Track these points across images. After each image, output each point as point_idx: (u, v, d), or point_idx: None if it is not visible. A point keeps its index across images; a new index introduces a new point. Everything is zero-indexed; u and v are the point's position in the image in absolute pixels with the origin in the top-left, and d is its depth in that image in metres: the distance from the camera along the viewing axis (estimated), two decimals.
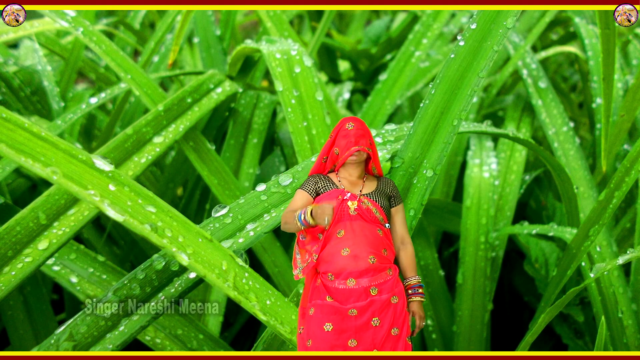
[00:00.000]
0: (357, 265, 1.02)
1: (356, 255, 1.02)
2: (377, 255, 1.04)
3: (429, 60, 2.44)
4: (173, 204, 1.57)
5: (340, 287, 1.02)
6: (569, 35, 2.79)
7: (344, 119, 1.09)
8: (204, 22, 2.29)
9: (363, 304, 1.02)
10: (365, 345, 1.02)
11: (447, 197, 2.13)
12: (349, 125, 1.07)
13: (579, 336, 1.78)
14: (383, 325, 1.02)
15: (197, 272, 1.17)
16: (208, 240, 1.21)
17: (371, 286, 1.02)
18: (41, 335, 1.59)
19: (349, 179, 1.09)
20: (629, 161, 1.42)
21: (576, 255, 1.51)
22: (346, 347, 1.01)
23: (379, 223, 1.07)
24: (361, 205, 1.06)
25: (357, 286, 1.02)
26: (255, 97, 2.04)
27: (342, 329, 1.02)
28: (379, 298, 1.02)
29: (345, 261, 1.02)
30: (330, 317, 1.02)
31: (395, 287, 1.05)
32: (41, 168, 1.08)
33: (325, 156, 1.09)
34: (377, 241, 1.05)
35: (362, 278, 1.02)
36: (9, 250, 1.29)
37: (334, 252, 1.03)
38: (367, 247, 1.03)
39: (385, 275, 1.04)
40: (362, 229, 1.04)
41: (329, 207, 0.99)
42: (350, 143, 1.06)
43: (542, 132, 2.29)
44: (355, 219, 1.05)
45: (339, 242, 1.03)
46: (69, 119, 1.85)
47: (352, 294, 1.02)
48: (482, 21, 1.27)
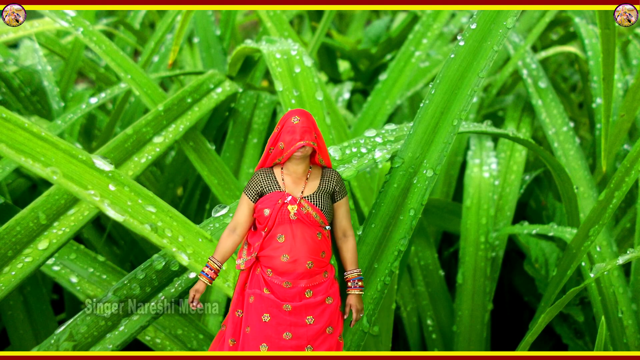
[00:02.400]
0: (295, 269, 1.08)
1: (295, 261, 1.08)
2: (314, 260, 1.09)
3: (429, 60, 2.44)
4: (173, 204, 1.57)
5: (276, 282, 1.08)
6: (569, 35, 2.79)
7: (290, 111, 1.10)
8: (204, 22, 2.29)
9: (298, 304, 1.08)
10: (299, 340, 1.08)
11: (447, 197, 2.13)
12: (294, 119, 1.07)
13: (579, 336, 1.78)
14: (317, 323, 1.09)
15: (197, 272, 1.17)
16: (208, 240, 1.21)
17: (306, 288, 1.08)
18: (41, 335, 1.59)
19: (293, 175, 1.11)
20: (629, 161, 1.42)
21: (576, 255, 1.51)
22: (281, 339, 1.08)
23: (319, 226, 1.10)
24: (301, 210, 1.09)
25: (292, 287, 1.08)
26: (255, 97, 2.04)
27: (278, 322, 1.08)
28: (314, 300, 1.09)
29: (284, 267, 1.08)
30: (268, 309, 1.08)
31: (330, 288, 1.11)
32: (41, 168, 1.08)
33: (271, 147, 1.11)
34: (315, 245, 1.09)
35: (298, 280, 1.08)
36: (9, 250, 1.29)
37: (274, 256, 1.08)
38: (305, 253, 1.08)
39: (321, 278, 1.10)
40: (302, 233, 1.09)
41: (199, 284, 1.10)
42: (294, 139, 1.07)
43: (542, 132, 2.29)
44: (295, 223, 1.09)
45: (280, 247, 1.08)
46: (69, 119, 1.85)
47: (287, 293, 1.08)
48: (482, 21, 1.27)
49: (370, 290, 1.24)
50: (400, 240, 1.24)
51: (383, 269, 1.24)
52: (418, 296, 1.88)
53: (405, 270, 1.87)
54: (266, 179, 1.11)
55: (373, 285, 1.24)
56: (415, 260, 1.90)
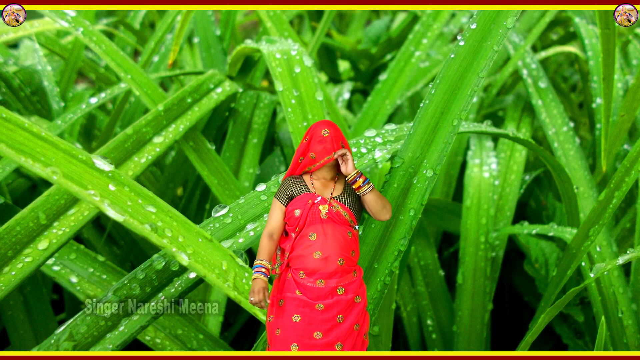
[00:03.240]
0: (327, 267, 1.09)
1: (327, 258, 1.09)
2: (345, 258, 1.10)
3: (429, 60, 2.44)
4: (173, 204, 1.57)
5: (309, 284, 1.09)
6: (569, 35, 2.79)
7: (317, 123, 1.14)
8: (204, 22, 2.29)
9: (330, 302, 1.09)
10: (330, 338, 1.09)
11: (447, 197, 2.13)
12: (324, 131, 1.12)
13: (579, 336, 1.78)
14: (346, 321, 1.10)
15: (197, 272, 1.17)
16: (208, 240, 1.21)
17: (338, 286, 1.10)
18: (41, 335, 1.59)
19: (322, 181, 1.14)
20: (629, 161, 1.42)
21: (576, 255, 1.51)
22: (312, 339, 1.09)
23: (349, 225, 1.12)
24: (331, 209, 1.12)
25: (325, 286, 1.09)
26: (255, 97, 2.04)
27: (309, 321, 1.09)
28: (345, 297, 1.10)
29: (316, 264, 1.09)
30: (299, 310, 1.10)
31: (359, 288, 1.12)
32: (41, 168, 1.08)
33: (301, 157, 1.14)
34: (346, 243, 1.11)
35: (330, 279, 1.09)
36: (9, 250, 1.29)
37: (306, 254, 1.10)
38: (337, 250, 1.10)
39: (351, 277, 1.11)
40: (333, 231, 1.11)
41: (258, 282, 1.07)
42: (327, 149, 1.11)
43: (542, 132, 2.29)
44: (326, 222, 1.11)
45: (312, 245, 1.10)
46: (69, 119, 1.85)
47: (320, 292, 1.09)
48: (482, 21, 1.27)
49: (370, 290, 1.24)
50: (400, 240, 1.24)
51: (383, 269, 1.24)
52: (418, 296, 1.88)
53: (405, 270, 1.87)
54: (295, 183, 1.14)
55: (373, 285, 1.24)
56: (415, 260, 1.90)
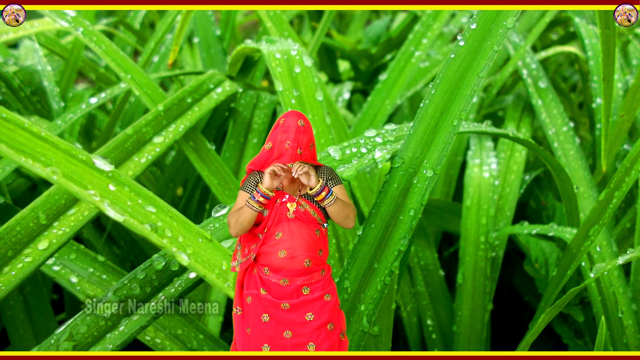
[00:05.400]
0: (293, 266, 1.07)
1: (292, 257, 1.07)
2: (312, 258, 1.08)
3: (429, 60, 2.44)
4: (173, 204, 1.57)
5: (273, 281, 1.07)
6: (569, 35, 2.79)
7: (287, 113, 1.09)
8: (204, 22, 2.29)
9: (296, 302, 1.07)
10: (300, 337, 1.08)
11: (447, 197, 2.13)
12: (287, 144, 1.07)
13: (579, 336, 1.78)
14: (317, 319, 1.08)
15: (197, 272, 1.17)
16: (208, 240, 1.21)
17: (303, 285, 1.08)
18: (41, 335, 1.59)
19: (288, 176, 1.10)
20: (629, 161, 1.42)
21: (576, 255, 1.51)
22: (282, 338, 1.08)
23: (317, 223, 1.10)
24: (299, 208, 1.09)
25: (290, 285, 1.07)
26: (255, 97, 2.04)
27: (277, 321, 1.08)
28: (311, 296, 1.08)
29: (281, 262, 1.07)
30: (266, 309, 1.08)
31: (328, 286, 1.10)
32: (41, 168, 1.08)
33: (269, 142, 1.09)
34: (313, 243, 1.08)
35: (295, 278, 1.07)
36: (9, 250, 1.29)
37: (271, 252, 1.08)
38: (303, 249, 1.07)
39: (318, 276, 1.09)
40: (299, 230, 1.08)
41: (269, 169, 1.05)
42: (284, 141, 1.07)
43: (542, 132, 2.29)
44: (293, 221, 1.09)
45: (277, 244, 1.08)
46: (69, 119, 1.85)
47: (284, 291, 1.07)
48: (482, 21, 1.27)
49: (370, 290, 1.24)
50: (400, 240, 1.24)
51: (383, 269, 1.24)
52: (418, 296, 1.88)
53: (405, 270, 1.87)
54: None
55: (373, 285, 1.24)
56: (415, 260, 1.90)
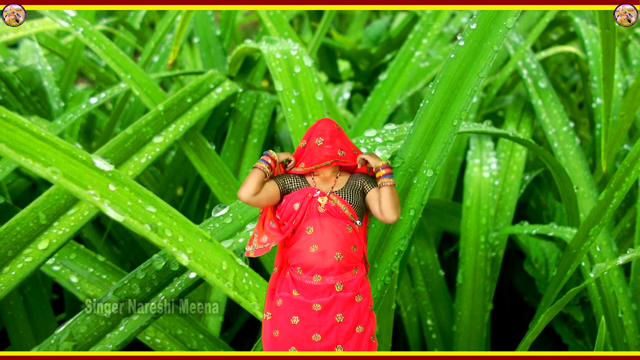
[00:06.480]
0: (324, 262, 1.05)
1: (323, 252, 1.05)
2: (344, 253, 1.06)
3: (429, 60, 2.44)
4: (173, 204, 1.57)
5: (306, 282, 1.06)
6: (569, 35, 2.79)
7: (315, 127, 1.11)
8: (204, 22, 2.29)
9: (327, 300, 1.05)
10: (329, 340, 1.05)
11: (447, 197, 2.13)
12: (319, 140, 1.10)
13: (579, 336, 1.78)
14: (347, 321, 1.05)
15: (197, 272, 1.17)
16: (208, 240, 1.21)
17: (336, 283, 1.06)
18: (41, 335, 1.59)
19: (321, 176, 1.12)
20: (629, 161, 1.42)
21: (576, 255, 1.51)
22: (310, 342, 1.05)
23: (348, 219, 1.09)
24: (330, 202, 1.08)
25: (322, 283, 1.05)
26: (255, 97, 2.04)
27: (307, 323, 1.05)
28: (343, 295, 1.05)
29: (313, 258, 1.05)
30: (296, 311, 1.06)
31: (361, 286, 1.08)
32: (41, 168, 1.08)
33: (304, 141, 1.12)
34: (345, 238, 1.07)
35: (327, 275, 1.05)
36: (9, 250, 1.29)
37: (302, 249, 1.06)
38: (334, 244, 1.06)
39: (351, 275, 1.07)
40: (330, 225, 1.07)
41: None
42: (325, 156, 1.09)
43: (542, 132, 2.29)
44: (324, 216, 1.08)
45: (308, 239, 1.06)
46: (69, 119, 1.85)
47: (317, 289, 1.05)
48: (482, 21, 1.27)
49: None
50: (400, 240, 1.24)
51: (383, 269, 1.24)
52: (418, 296, 1.88)
53: (405, 270, 1.87)
54: (295, 178, 1.12)
55: (373, 285, 1.24)
56: (415, 260, 1.90)
